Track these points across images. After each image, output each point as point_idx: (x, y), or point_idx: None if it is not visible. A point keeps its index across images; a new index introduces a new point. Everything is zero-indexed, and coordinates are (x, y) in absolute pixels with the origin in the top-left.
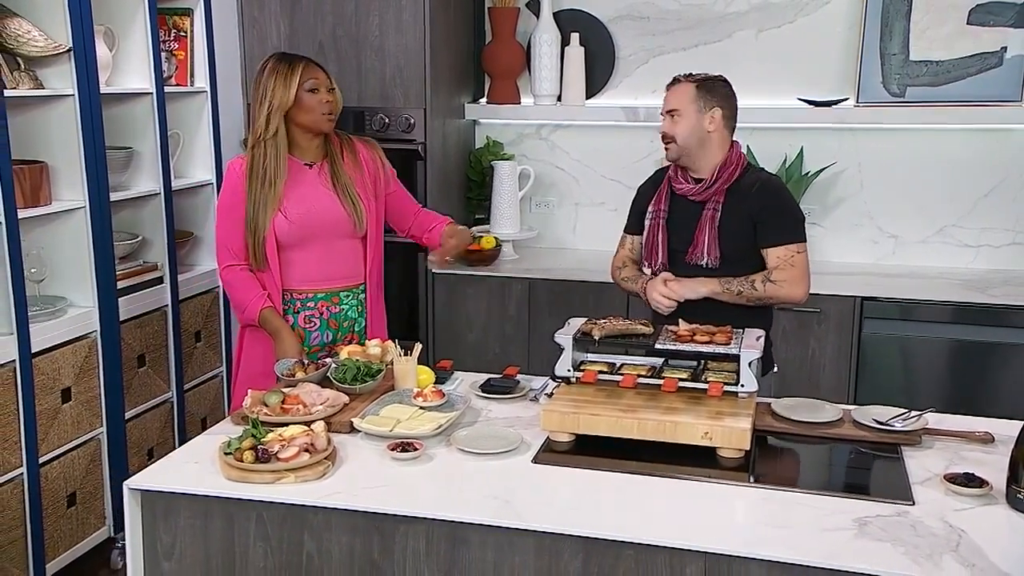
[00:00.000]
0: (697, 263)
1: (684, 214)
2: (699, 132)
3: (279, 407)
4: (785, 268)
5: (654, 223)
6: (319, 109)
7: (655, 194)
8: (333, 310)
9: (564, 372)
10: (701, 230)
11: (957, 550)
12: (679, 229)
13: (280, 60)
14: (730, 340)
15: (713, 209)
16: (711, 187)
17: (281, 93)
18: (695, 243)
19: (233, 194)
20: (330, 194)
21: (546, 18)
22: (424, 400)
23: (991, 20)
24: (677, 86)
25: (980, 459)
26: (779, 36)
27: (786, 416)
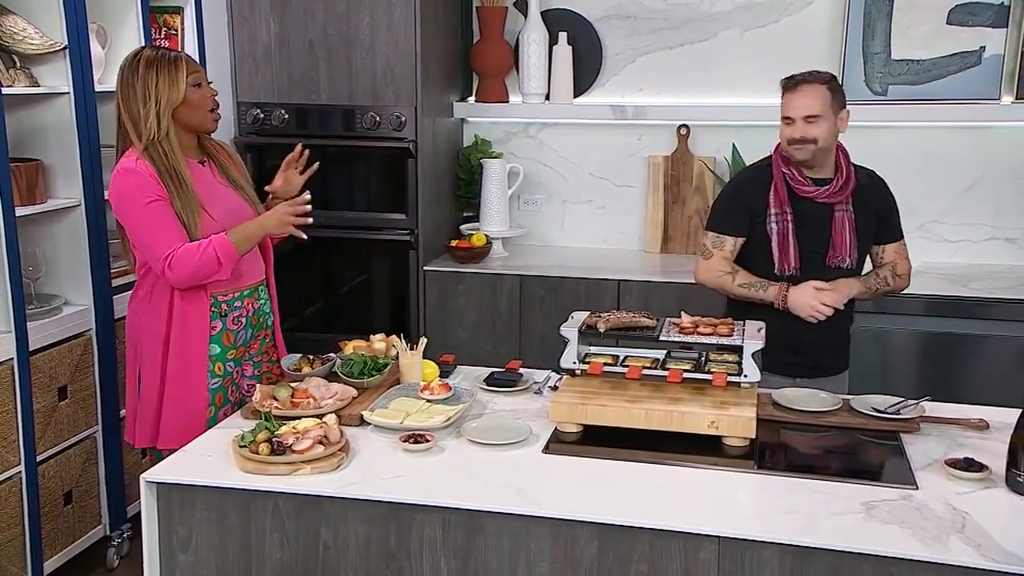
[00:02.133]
0: (839, 265)
1: (811, 216)
2: (835, 133)
3: (289, 401)
4: (901, 261)
5: (783, 226)
6: (205, 105)
7: (767, 195)
8: (256, 306)
9: (570, 364)
10: (839, 232)
11: (963, 531)
12: (809, 233)
13: (157, 54)
14: (732, 332)
15: (845, 211)
16: (843, 189)
17: (169, 90)
18: (834, 245)
19: (155, 193)
20: (230, 190)
21: (534, 17)
22: (431, 393)
23: (970, 20)
24: (807, 88)
25: (977, 445)
26: (764, 35)
27: (787, 405)
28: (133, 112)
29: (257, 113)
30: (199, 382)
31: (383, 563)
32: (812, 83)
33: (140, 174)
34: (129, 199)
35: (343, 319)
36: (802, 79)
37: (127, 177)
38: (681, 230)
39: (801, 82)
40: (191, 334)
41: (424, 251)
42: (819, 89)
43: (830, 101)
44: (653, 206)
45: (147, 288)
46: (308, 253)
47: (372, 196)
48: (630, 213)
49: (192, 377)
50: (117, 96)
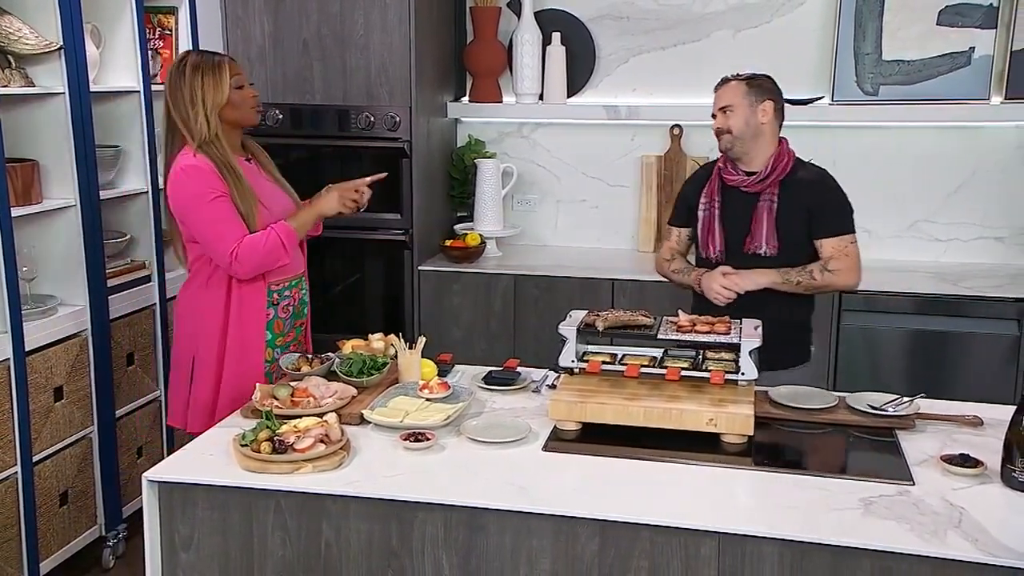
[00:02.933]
0: (756, 252)
1: (737, 205)
2: (753, 124)
3: (289, 400)
4: (840, 257)
5: (708, 214)
6: (247, 104)
7: (705, 186)
8: (299, 296)
9: (568, 363)
10: (758, 221)
11: (960, 526)
12: (733, 220)
13: (202, 59)
14: (730, 330)
15: (769, 200)
16: (767, 178)
17: (214, 93)
18: (752, 233)
19: (213, 188)
20: (274, 185)
21: (527, 18)
22: (430, 392)
23: (959, 21)
24: (727, 85)
25: (972, 441)
26: (756, 36)
27: (784, 403)
28: (182, 113)
29: None
30: (256, 369)
31: (385, 561)
32: (731, 81)
33: (202, 170)
34: (194, 196)
35: (338, 319)
36: (726, 78)
37: (191, 174)
38: None
39: (723, 81)
40: (248, 322)
41: (419, 251)
42: (736, 85)
43: (744, 93)
44: (646, 206)
45: (203, 279)
46: (308, 253)
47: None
48: (623, 213)
49: (249, 364)
50: (166, 98)
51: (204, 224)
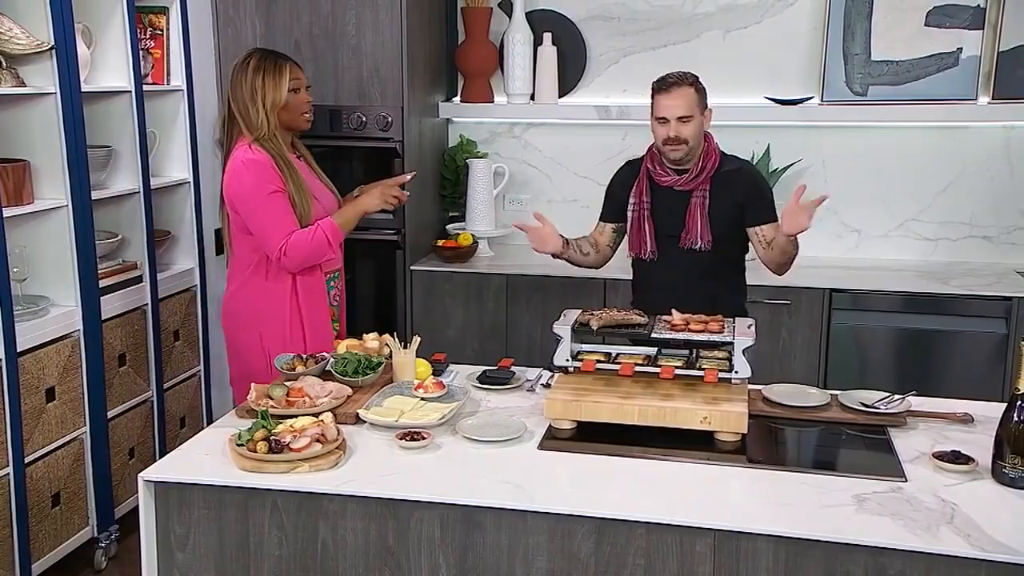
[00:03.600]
0: (691, 247)
1: (668, 203)
2: (701, 131)
3: (284, 400)
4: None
5: (638, 214)
6: (300, 109)
7: (633, 186)
8: (340, 287)
9: (563, 362)
10: (692, 216)
11: (952, 522)
12: (665, 217)
13: (265, 58)
14: (723, 329)
15: (702, 197)
16: (698, 176)
17: (273, 93)
18: (688, 229)
19: (276, 183)
20: (320, 182)
21: (518, 18)
22: (425, 391)
23: (947, 22)
24: (679, 90)
25: (963, 438)
26: (746, 36)
27: (777, 401)
28: (241, 107)
29: None
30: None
31: (381, 560)
32: (682, 85)
33: (261, 163)
34: (251, 189)
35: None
36: (674, 81)
37: (250, 167)
38: None
39: (673, 84)
40: (315, 308)
41: (410, 251)
42: (689, 91)
43: (697, 101)
44: None
45: (262, 272)
46: None
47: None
48: None
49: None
50: (227, 91)
51: (259, 217)
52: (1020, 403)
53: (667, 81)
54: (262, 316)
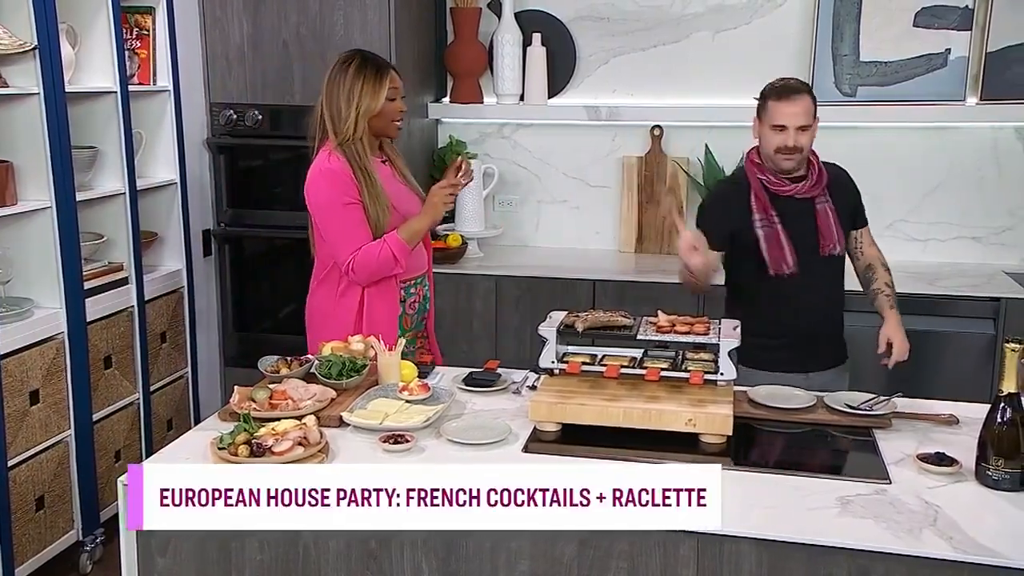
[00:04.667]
0: (831, 253)
1: (793, 213)
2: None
3: (267, 403)
4: (870, 248)
5: (771, 230)
6: (393, 116)
7: (747, 203)
8: (423, 293)
9: (548, 364)
10: (824, 222)
11: (935, 525)
12: (796, 228)
13: (367, 63)
14: (709, 330)
15: (825, 202)
16: (819, 182)
17: (370, 99)
18: (823, 235)
19: (349, 193)
20: (405, 187)
21: (507, 18)
22: (410, 394)
23: (935, 22)
24: (799, 98)
25: (948, 440)
26: (735, 37)
27: (762, 403)
28: (334, 109)
29: (230, 114)
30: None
31: (363, 564)
32: (802, 93)
33: (337, 174)
34: (327, 199)
35: None
36: (795, 89)
37: (328, 177)
38: (655, 230)
39: (794, 92)
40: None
41: None
42: (807, 100)
43: (813, 110)
44: (628, 206)
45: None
46: (284, 254)
47: None
48: (604, 213)
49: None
50: (322, 91)
51: (333, 228)
52: (1004, 405)
53: (787, 88)
54: (331, 318)
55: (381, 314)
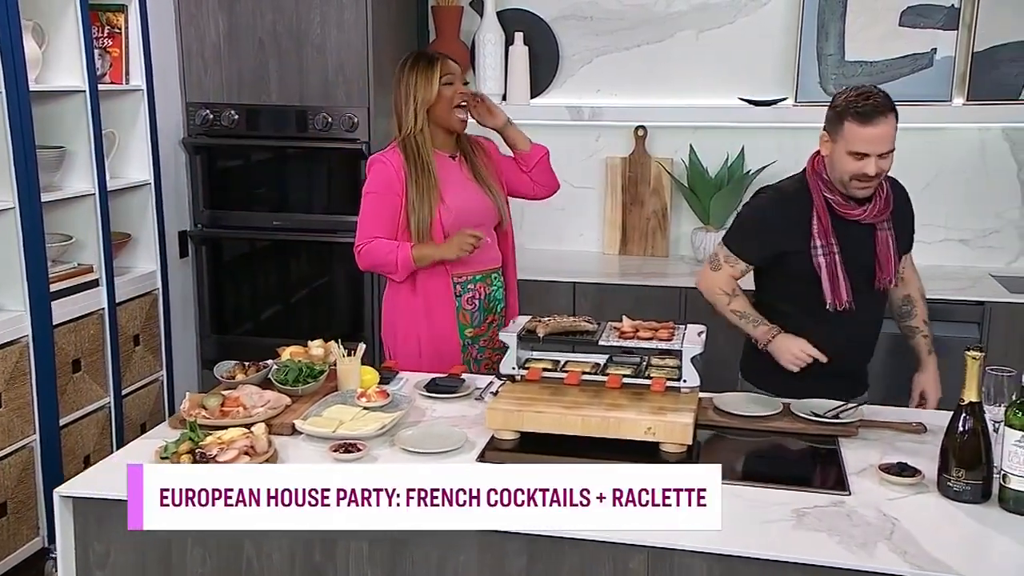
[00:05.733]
0: (885, 288)
1: (852, 240)
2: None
3: (218, 410)
4: (910, 270)
5: (830, 259)
6: (451, 102)
7: (807, 228)
8: (487, 291)
9: (509, 370)
10: (883, 252)
11: (891, 538)
12: (855, 257)
13: (419, 58)
14: (672, 336)
15: (887, 230)
16: (884, 208)
17: (424, 89)
18: (880, 266)
19: (387, 185)
20: (476, 186)
21: (490, 17)
22: (368, 401)
23: (921, 22)
24: (885, 121)
25: (913, 449)
26: (719, 37)
27: (728, 411)
28: (399, 108)
29: (206, 114)
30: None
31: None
32: (887, 114)
33: (384, 164)
34: (368, 186)
35: (300, 322)
36: (879, 110)
37: (373, 166)
38: (639, 232)
39: (879, 114)
40: (438, 310)
41: None
42: (892, 120)
43: (896, 129)
44: (611, 207)
45: None
46: (264, 256)
47: (327, 198)
48: (588, 214)
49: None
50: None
51: (362, 211)
52: (965, 414)
53: (872, 110)
54: (398, 315)
55: (437, 304)
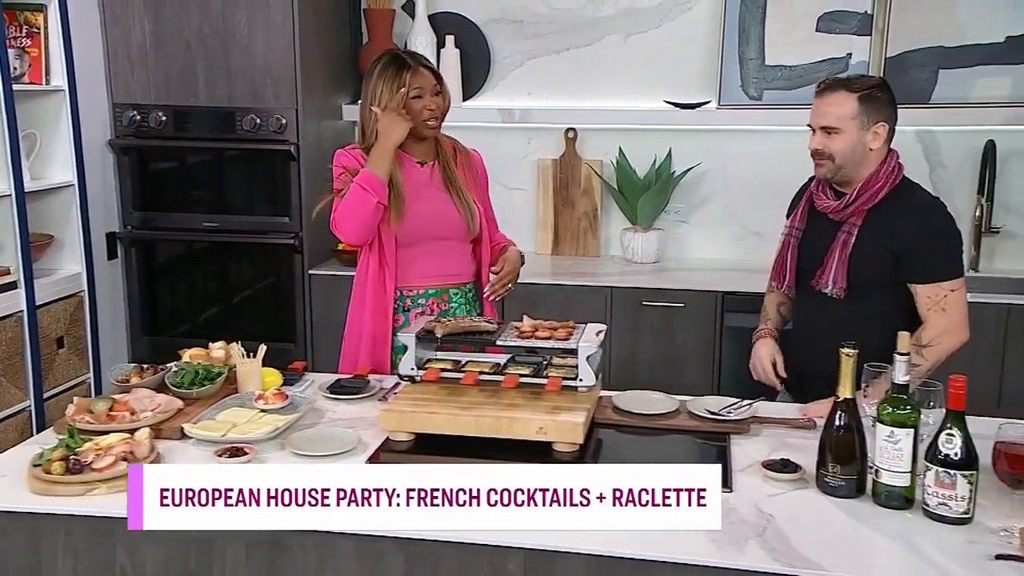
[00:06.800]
0: (822, 290)
1: (821, 233)
2: (860, 150)
3: (105, 414)
4: (935, 312)
5: (787, 241)
6: (420, 116)
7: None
8: (443, 307)
9: (408, 371)
10: (831, 254)
11: (763, 535)
12: (813, 249)
13: (390, 64)
14: (570, 335)
15: (848, 232)
16: (850, 206)
17: (387, 99)
18: (824, 267)
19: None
20: (444, 195)
21: (421, 20)
22: (265, 403)
23: (837, 28)
24: (833, 95)
25: (801, 445)
26: (646, 40)
27: (625, 409)
28: (363, 113)
29: (133, 115)
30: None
31: None
32: (838, 90)
33: (345, 156)
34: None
35: (232, 324)
36: (831, 86)
37: (335, 158)
38: (571, 232)
39: (827, 88)
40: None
41: (311, 255)
42: (846, 99)
43: (856, 112)
44: (544, 209)
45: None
46: (195, 257)
47: (256, 199)
48: (521, 216)
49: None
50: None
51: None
52: (840, 411)
53: (824, 82)
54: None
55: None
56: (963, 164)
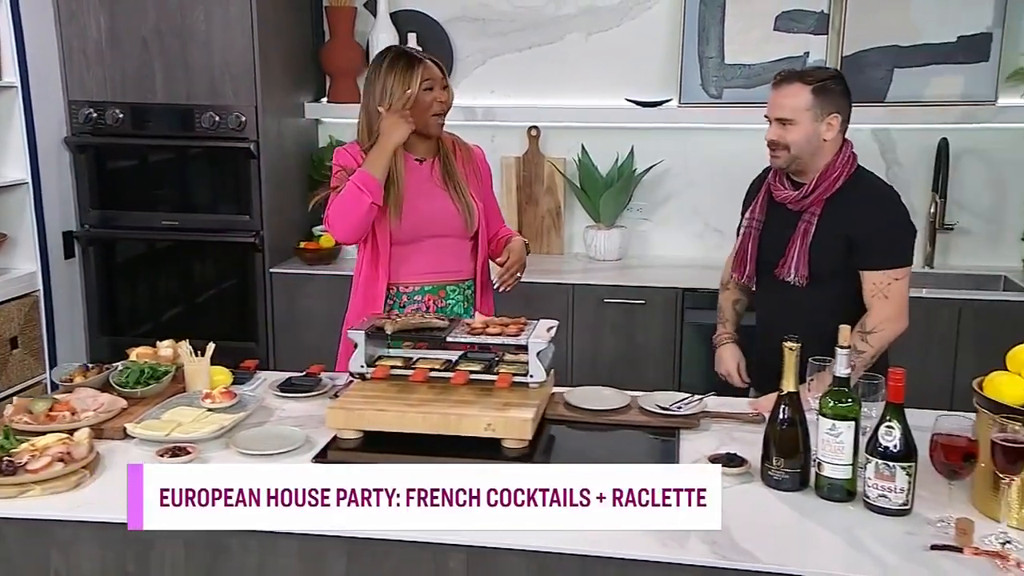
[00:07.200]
0: (784, 279)
1: (781, 223)
2: (815, 141)
3: (44, 415)
4: (879, 299)
5: (747, 232)
6: (431, 109)
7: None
8: (439, 304)
9: (357, 368)
10: (792, 244)
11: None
12: (773, 240)
13: (399, 59)
14: (521, 332)
15: (808, 221)
16: (809, 196)
17: (398, 95)
18: (786, 257)
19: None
20: (442, 192)
21: (383, 18)
22: (212, 402)
23: (794, 27)
24: (788, 87)
25: (749, 439)
26: (607, 39)
27: (577, 405)
28: (372, 109)
29: (90, 112)
30: None
31: None
32: (793, 82)
33: (344, 154)
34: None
35: (194, 323)
36: (786, 78)
37: (338, 158)
38: (535, 230)
39: (783, 80)
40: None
41: (272, 253)
42: (800, 91)
43: (810, 104)
44: (507, 207)
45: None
46: (154, 256)
47: (216, 198)
48: None
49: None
50: (362, 94)
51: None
52: (783, 404)
53: (780, 74)
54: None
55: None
56: (918, 162)
